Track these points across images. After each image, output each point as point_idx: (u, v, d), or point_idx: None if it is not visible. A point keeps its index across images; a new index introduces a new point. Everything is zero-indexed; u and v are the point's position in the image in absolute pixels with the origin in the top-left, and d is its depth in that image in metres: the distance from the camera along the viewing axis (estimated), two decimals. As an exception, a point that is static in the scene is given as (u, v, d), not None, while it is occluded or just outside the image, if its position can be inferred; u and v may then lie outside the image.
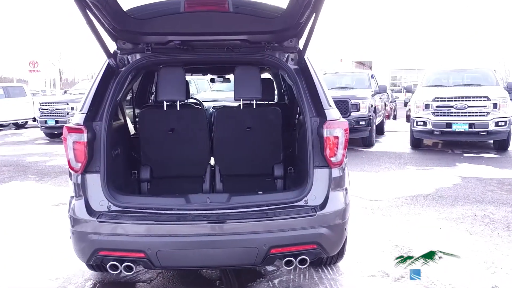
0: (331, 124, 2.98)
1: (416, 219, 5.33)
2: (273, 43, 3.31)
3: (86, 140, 2.91)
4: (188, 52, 3.32)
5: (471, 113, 9.92)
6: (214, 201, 3.01)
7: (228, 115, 3.86)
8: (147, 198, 3.14)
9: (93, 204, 2.91)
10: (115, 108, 3.19)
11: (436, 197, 6.34)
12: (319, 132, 3.01)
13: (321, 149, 3.01)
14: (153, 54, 3.27)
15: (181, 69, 3.44)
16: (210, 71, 5.56)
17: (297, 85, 3.18)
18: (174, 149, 3.69)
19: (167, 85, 3.39)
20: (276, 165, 3.76)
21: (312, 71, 3.21)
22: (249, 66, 3.48)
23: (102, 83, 3.12)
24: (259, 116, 3.71)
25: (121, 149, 3.43)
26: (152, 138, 3.67)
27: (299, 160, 3.55)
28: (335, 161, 3.01)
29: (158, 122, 3.67)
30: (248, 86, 3.41)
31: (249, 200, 2.98)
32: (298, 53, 3.32)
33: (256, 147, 3.73)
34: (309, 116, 3.07)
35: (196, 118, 3.72)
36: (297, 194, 3.00)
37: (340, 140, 3.01)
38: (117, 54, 3.27)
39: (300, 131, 3.57)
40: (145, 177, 3.69)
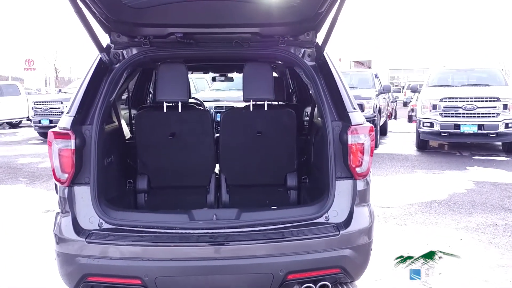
0: (357, 130, 2.60)
1: (433, 229, 4.97)
2: (288, 37, 2.93)
3: (73, 147, 2.51)
4: (191, 46, 2.93)
5: (480, 114, 9.58)
6: (222, 217, 2.61)
7: (235, 118, 3.43)
8: (144, 214, 2.74)
9: (82, 222, 2.52)
10: (107, 110, 2.80)
11: (451, 203, 5.98)
12: (342, 139, 2.63)
13: (344, 157, 2.63)
14: (151, 48, 2.88)
15: (183, 65, 3.04)
16: (215, 68, 5.13)
17: (316, 84, 2.80)
18: (174, 156, 3.29)
19: (167, 84, 2.99)
20: (289, 174, 3.37)
21: (333, 69, 2.83)
22: (260, 63, 3.09)
23: (93, 81, 2.73)
24: (271, 120, 3.31)
25: (115, 156, 3.04)
26: (150, 143, 3.26)
27: (316, 169, 3.17)
28: (360, 172, 2.63)
29: (156, 126, 3.26)
30: (259, 86, 3.01)
31: (262, 217, 2.60)
32: (316, 48, 2.94)
33: (267, 154, 3.33)
34: (330, 120, 2.69)
35: (200, 121, 3.31)
36: (317, 209, 2.62)
37: (366, 147, 2.63)
38: (111, 48, 2.89)
39: (316, 136, 3.19)
40: (142, 188, 3.29)
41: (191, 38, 2.91)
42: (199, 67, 4.80)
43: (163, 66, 3.03)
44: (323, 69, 2.87)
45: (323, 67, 2.87)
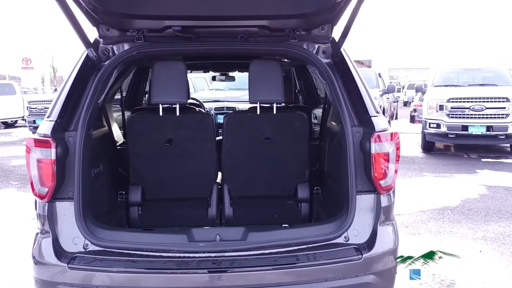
0: (381, 137, 2.27)
1: (449, 239, 4.65)
2: (300, 31, 2.59)
3: (54, 157, 2.18)
4: (190, 41, 2.60)
5: (489, 115, 9.27)
6: (226, 238, 2.26)
7: (240, 122, 3.07)
8: (137, 234, 2.39)
9: (64, 243, 2.19)
10: (95, 113, 2.46)
11: (465, 210, 5.67)
12: (364, 147, 2.30)
13: (366, 168, 2.30)
14: (145, 43, 2.55)
15: (182, 63, 2.71)
16: (216, 67, 4.74)
17: (332, 85, 2.46)
18: (171, 165, 2.95)
19: (164, 83, 2.65)
20: (301, 185, 3.02)
21: (352, 67, 2.50)
22: (268, 60, 2.75)
23: (78, 81, 2.39)
24: (280, 124, 2.96)
25: (104, 166, 2.70)
26: (144, 151, 2.92)
27: (331, 180, 2.84)
28: (385, 185, 2.30)
29: (151, 131, 2.91)
30: (267, 86, 2.67)
31: (272, 237, 2.26)
32: (332, 44, 2.61)
33: (276, 162, 2.99)
34: (349, 125, 2.36)
35: (200, 126, 2.96)
36: (335, 227, 2.29)
37: (391, 157, 2.30)
38: (99, 43, 2.55)
39: (331, 143, 2.86)
40: (135, 200, 2.94)
41: (190, 32, 2.57)
42: (199, 65, 4.44)
43: (159, 63, 2.70)
44: (340, 68, 2.54)
45: (340, 65, 2.54)
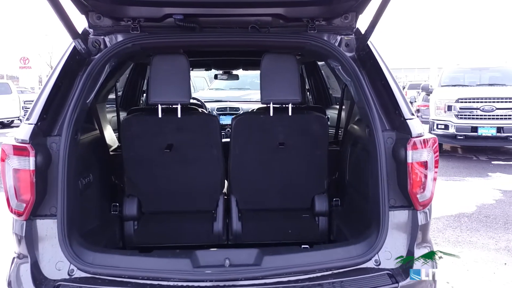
0: (418, 143, 1.94)
1: (470, 250, 4.31)
2: (320, 20, 2.26)
3: (33, 167, 1.84)
4: (193, 32, 2.26)
5: (499, 115, 8.96)
6: (236, 262, 1.92)
7: (251, 125, 2.71)
8: (131, 258, 2.03)
9: (46, 269, 1.86)
10: (83, 115, 2.12)
11: (482, 217, 5.34)
12: (397, 155, 1.97)
13: (401, 180, 1.97)
14: (142, 34, 2.22)
15: (184, 57, 2.37)
16: (220, 64, 4.35)
17: (359, 82, 2.13)
18: (172, 174, 2.61)
19: (163, 81, 2.32)
20: (318, 197, 2.69)
21: (381, 62, 2.16)
22: (283, 54, 2.41)
23: (63, 77, 2.06)
24: (297, 127, 2.62)
25: (94, 175, 2.36)
26: (141, 157, 2.58)
27: (354, 191, 2.50)
28: (422, 200, 1.97)
29: (149, 135, 2.57)
30: (282, 83, 2.33)
31: (291, 261, 1.92)
32: (357, 35, 2.27)
33: (291, 171, 2.65)
34: (380, 129, 2.02)
35: (205, 129, 2.62)
36: (363, 249, 1.96)
37: (430, 167, 1.97)
38: (89, 34, 2.22)
39: (354, 148, 2.52)
40: (131, 214, 2.60)
41: (193, 21, 2.23)
42: (202, 62, 4.08)
43: (158, 58, 2.36)
44: (367, 63, 2.20)
45: (367, 59, 2.20)
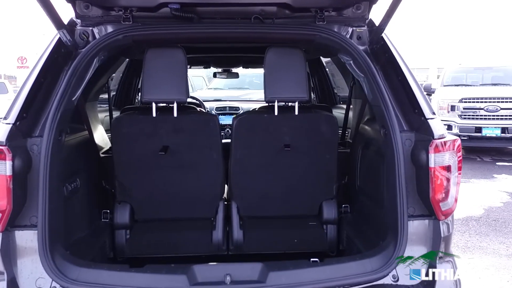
0: (441, 146, 1.74)
1: (480, 256, 4.12)
2: (330, 10, 2.06)
3: (10, 172, 1.64)
4: (191, 23, 2.06)
5: (504, 116, 8.79)
6: (238, 277, 1.72)
7: (254, 126, 2.49)
8: (121, 274, 1.82)
9: (24, 286, 1.67)
10: (69, 114, 1.92)
11: (491, 221, 5.16)
12: (418, 159, 1.78)
13: (421, 186, 1.78)
14: (134, 25, 2.02)
15: (180, 51, 2.17)
16: (219, 61, 4.12)
17: (373, 78, 1.94)
18: (167, 178, 2.42)
19: (158, 76, 2.12)
20: (327, 203, 2.49)
21: (398, 57, 1.97)
22: (289, 47, 2.21)
23: (45, 72, 1.86)
24: (304, 128, 2.42)
25: (82, 179, 2.16)
26: (133, 160, 2.38)
27: (366, 197, 2.31)
28: (446, 209, 1.78)
29: (142, 136, 2.37)
30: (288, 80, 2.14)
31: (300, 277, 1.73)
32: (369, 27, 2.08)
33: (297, 175, 2.45)
34: (398, 130, 1.83)
35: (203, 130, 2.41)
36: (379, 263, 1.77)
37: (453, 171, 1.78)
38: (76, 25, 2.02)
39: (366, 151, 2.33)
40: (122, 221, 2.40)
41: (191, 11, 2.04)
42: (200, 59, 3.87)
43: (152, 52, 2.16)
44: (382, 57, 2.00)
45: (381, 53, 2.01)
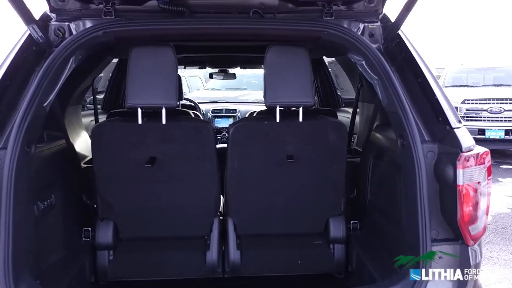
0: (470, 159, 1.51)
1: (492, 268, 3.91)
2: (338, 4, 1.83)
3: None
4: (182, 18, 1.82)
5: (507, 117, 8.60)
6: None
7: (253, 134, 2.22)
8: None
9: None
10: (39, 121, 1.68)
11: (500, 228, 4.94)
12: (443, 174, 1.55)
13: (446, 206, 1.54)
14: (117, 20, 1.78)
15: (170, 49, 1.93)
16: (215, 61, 3.87)
17: (389, 80, 1.70)
18: (155, 193, 2.16)
19: (144, 79, 1.88)
20: (334, 220, 2.24)
21: (417, 57, 1.73)
22: (292, 46, 1.97)
23: (13, 74, 1.61)
24: (309, 136, 2.16)
25: (58, 196, 1.92)
26: (117, 173, 2.12)
27: (379, 214, 2.07)
28: (475, 233, 1.56)
29: (126, 146, 2.10)
30: (292, 82, 1.90)
31: None
32: (383, 23, 1.85)
33: (301, 188, 2.20)
34: (419, 140, 1.59)
35: (196, 139, 2.14)
36: None
37: (483, 190, 1.55)
38: (50, 20, 1.78)
39: (379, 162, 2.10)
40: (105, 241, 2.15)
41: (181, 4, 1.80)
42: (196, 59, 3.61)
43: (137, 50, 1.92)
44: (398, 57, 1.77)
45: (397, 53, 1.78)
